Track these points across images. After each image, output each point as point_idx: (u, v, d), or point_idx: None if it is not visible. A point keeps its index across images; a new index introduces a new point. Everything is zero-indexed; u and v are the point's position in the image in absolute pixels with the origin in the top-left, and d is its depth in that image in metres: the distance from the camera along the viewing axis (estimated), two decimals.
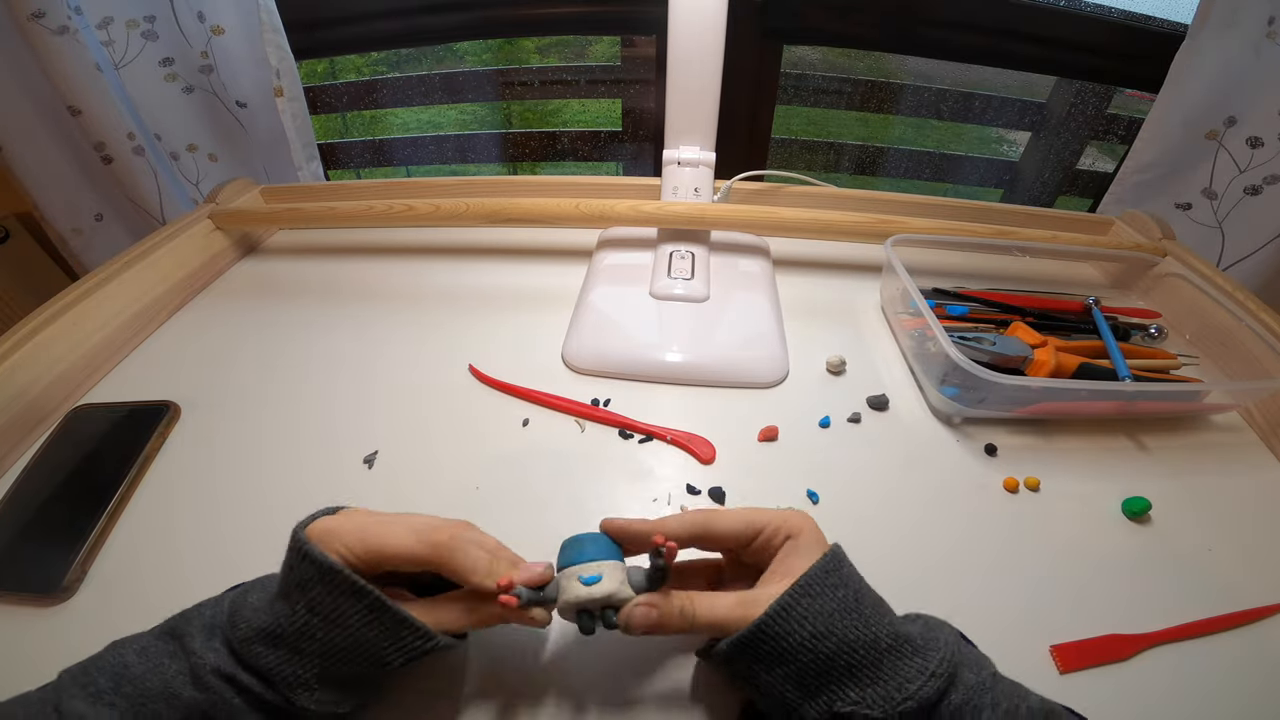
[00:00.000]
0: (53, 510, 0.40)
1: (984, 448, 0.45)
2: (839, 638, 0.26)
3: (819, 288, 0.62)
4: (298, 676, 0.25)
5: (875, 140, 1.43)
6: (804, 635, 0.26)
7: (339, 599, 0.25)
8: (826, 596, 0.27)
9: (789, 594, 0.26)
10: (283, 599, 0.26)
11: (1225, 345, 0.52)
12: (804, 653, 0.26)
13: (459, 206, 0.62)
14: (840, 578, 0.28)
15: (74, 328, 0.50)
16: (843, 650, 0.26)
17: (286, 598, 0.26)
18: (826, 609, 0.26)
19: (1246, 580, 0.37)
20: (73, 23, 0.71)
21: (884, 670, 0.25)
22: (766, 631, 0.26)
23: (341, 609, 0.25)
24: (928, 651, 0.26)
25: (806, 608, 0.26)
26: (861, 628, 0.26)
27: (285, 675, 0.25)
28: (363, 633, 0.26)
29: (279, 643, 0.26)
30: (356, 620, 0.25)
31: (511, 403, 0.48)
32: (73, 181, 0.85)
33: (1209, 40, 0.69)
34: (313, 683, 0.26)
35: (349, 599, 0.25)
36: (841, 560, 0.29)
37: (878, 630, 0.26)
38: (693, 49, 0.56)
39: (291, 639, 0.25)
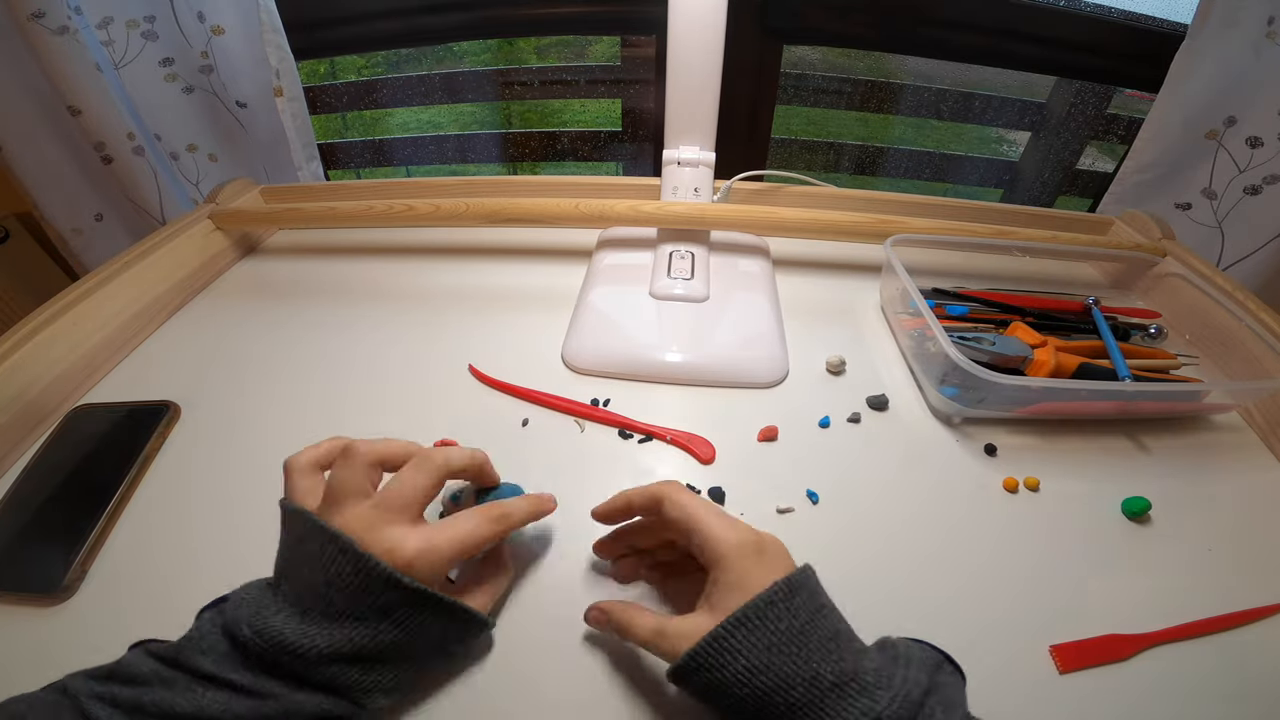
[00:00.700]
0: (52, 510, 0.40)
1: (984, 448, 0.45)
2: (775, 673, 0.25)
3: (819, 288, 0.62)
4: (377, 683, 0.27)
5: (875, 140, 1.43)
6: (738, 669, 0.25)
7: (427, 616, 0.28)
8: (766, 630, 0.26)
9: (721, 628, 0.26)
10: (354, 621, 0.26)
11: (1225, 345, 0.52)
12: (740, 686, 0.25)
13: (459, 206, 0.62)
14: (787, 608, 0.26)
15: (74, 328, 0.50)
16: (779, 687, 0.25)
17: (361, 620, 0.26)
18: (763, 643, 0.25)
19: (1246, 580, 0.37)
20: (73, 23, 0.71)
21: (827, 710, 0.24)
22: (697, 663, 0.26)
23: (429, 623, 0.28)
24: (876, 691, 0.24)
25: (742, 641, 0.25)
26: (802, 664, 0.25)
27: (366, 685, 0.26)
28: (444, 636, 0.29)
29: (359, 660, 0.26)
30: (438, 629, 0.28)
31: (511, 403, 0.48)
32: (73, 181, 0.85)
33: (1209, 40, 0.69)
34: (390, 685, 0.27)
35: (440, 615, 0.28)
36: (795, 590, 0.27)
37: (820, 667, 0.25)
38: (693, 49, 0.56)
39: (375, 654, 0.27)
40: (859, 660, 0.26)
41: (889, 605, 0.35)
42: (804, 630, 0.26)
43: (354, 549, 0.26)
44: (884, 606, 0.35)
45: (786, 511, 0.40)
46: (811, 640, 0.26)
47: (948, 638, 0.34)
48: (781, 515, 0.40)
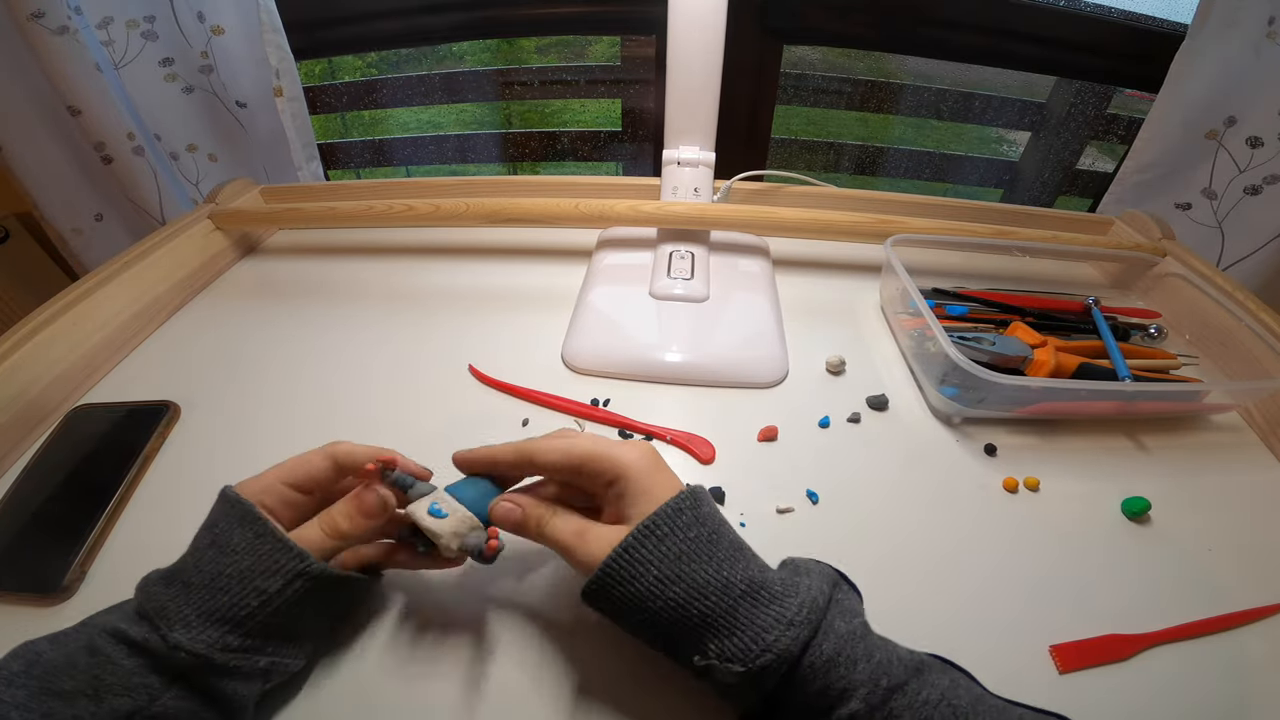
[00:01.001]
0: (52, 510, 0.40)
1: (984, 448, 0.45)
2: (688, 582, 0.25)
3: (819, 288, 0.62)
4: (180, 612, 0.25)
5: (875, 140, 1.43)
6: (650, 580, 0.25)
7: (235, 527, 0.27)
8: (674, 538, 0.25)
9: (632, 536, 0.25)
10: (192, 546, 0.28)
11: (1225, 345, 0.52)
12: (653, 599, 0.25)
13: (459, 206, 0.62)
14: (695, 517, 0.26)
15: (74, 328, 0.50)
16: (693, 596, 0.24)
17: (195, 543, 0.28)
18: (673, 551, 0.25)
19: (1247, 580, 0.37)
20: (72, 23, 0.71)
21: (740, 619, 0.24)
22: (611, 575, 0.26)
23: (234, 535, 0.27)
24: (785, 599, 0.25)
25: (651, 550, 0.25)
26: (713, 571, 0.25)
27: (169, 611, 0.25)
28: (245, 559, 0.26)
29: (173, 580, 0.27)
30: (242, 543, 0.27)
31: (511, 402, 0.48)
32: (73, 181, 0.85)
33: (1209, 40, 0.69)
34: (192, 618, 0.25)
35: (242, 526, 0.27)
36: (699, 500, 0.27)
37: (730, 574, 0.25)
38: (693, 49, 0.56)
39: (186, 574, 0.26)
40: (765, 570, 0.26)
41: (889, 605, 0.35)
42: (711, 539, 0.26)
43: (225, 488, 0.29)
44: (883, 606, 0.35)
45: (786, 511, 0.40)
46: (719, 548, 0.26)
47: (947, 638, 0.34)
48: (781, 515, 0.40)
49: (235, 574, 0.26)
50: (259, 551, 0.26)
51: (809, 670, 0.23)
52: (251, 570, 0.26)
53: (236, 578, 0.26)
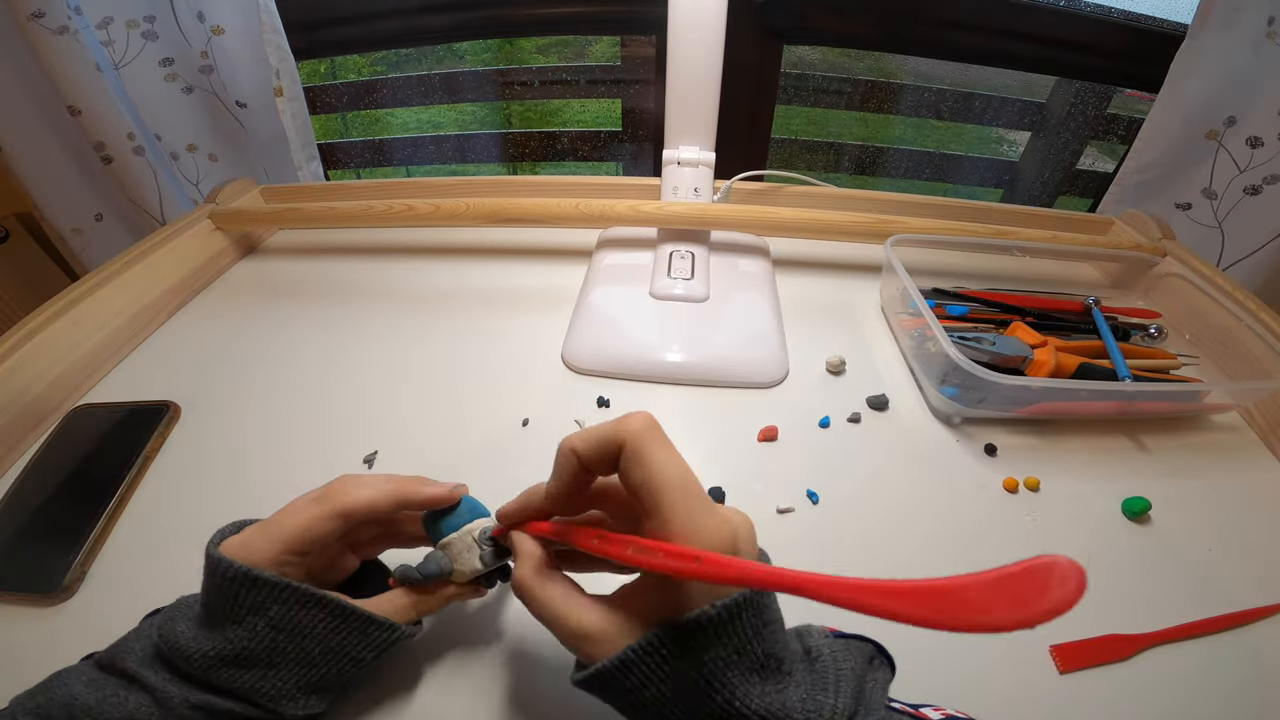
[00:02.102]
0: (52, 510, 0.40)
1: (984, 448, 0.45)
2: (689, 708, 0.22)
3: (819, 288, 0.62)
4: (279, 689, 0.26)
5: (875, 140, 1.43)
6: (648, 698, 0.22)
7: (301, 612, 0.26)
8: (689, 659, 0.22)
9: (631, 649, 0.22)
10: (232, 624, 0.25)
11: (1225, 345, 0.52)
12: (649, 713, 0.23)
13: (459, 206, 0.62)
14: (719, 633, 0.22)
15: (74, 328, 0.50)
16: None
17: (238, 623, 0.25)
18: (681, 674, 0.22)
19: (1246, 580, 0.37)
20: (73, 23, 0.70)
21: None
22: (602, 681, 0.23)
23: (306, 620, 0.26)
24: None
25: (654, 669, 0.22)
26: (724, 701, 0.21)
27: (267, 691, 0.26)
28: (332, 638, 0.27)
29: (249, 663, 0.26)
30: (324, 627, 0.27)
31: (511, 403, 0.48)
32: (73, 181, 0.85)
33: (1209, 40, 0.69)
34: (295, 691, 0.26)
35: (312, 610, 0.26)
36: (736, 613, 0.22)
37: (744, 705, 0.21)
38: (693, 49, 0.56)
39: (264, 657, 0.26)
40: (783, 692, 0.22)
41: None
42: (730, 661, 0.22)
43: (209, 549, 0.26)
44: None
45: (786, 511, 0.40)
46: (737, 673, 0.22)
47: (947, 637, 0.34)
48: (781, 515, 0.40)
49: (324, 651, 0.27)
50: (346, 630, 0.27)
51: None
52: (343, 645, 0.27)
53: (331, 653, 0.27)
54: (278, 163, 0.90)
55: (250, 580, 0.25)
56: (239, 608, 0.26)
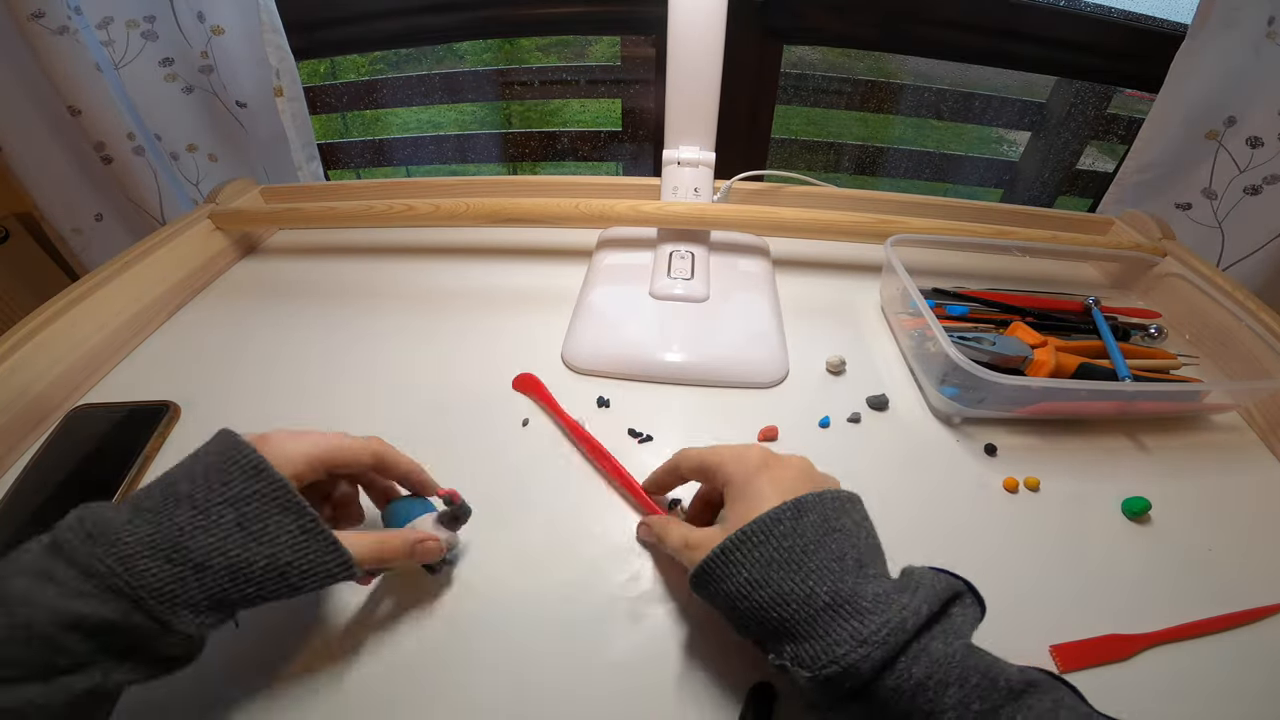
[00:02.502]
0: (53, 510, 0.40)
1: (984, 448, 0.45)
2: (773, 589, 0.26)
3: (819, 288, 0.62)
4: (190, 596, 0.23)
5: (875, 140, 1.43)
6: (740, 581, 0.27)
7: (277, 515, 0.25)
8: (766, 546, 0.27)
9: (727, 541, 0.28)
10: (191, 510, 0.24)
11: (1225, 345, 0.52)
12: (741, 599, 0.27)
13: (459, 206, 0.62)
14: (793, 527, 0.27)
15: (74, 328, 0.50)
16: (776, 602, 0.26)
17: (202, 511, 0.24)
18: (764, 558, 0.27)
19: (1246, 580, 0.37)
20: (73, 23, 0.71)
21: (817, 628, 0.25)
22: (707, 574, 0.28)
23: (275, 525, 0.25)
24: (868, 615, 0.24)
25: (745, 555, 0.27)
26: (798, 581, 0.26)
27: (175, 594, 0.23)
28: (285, 553, 0.25)
29: (179, 557, 0.23)
30: (286, 539, 0.25)
31: (511, 402, 0.48)
32: (73, 181, 0.85)
33: (1209, 40, 0.69)
34: (202, 603, 0.24)
35: (288, 517, 0.25)
36: (804, 511, 0.28)
37: (816, 585, 0.25)
38: (693, 49, 0.56)
39: (199, 555, 0.24)
40: (860, 584, 0.26)
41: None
42: (806, 549, 0.27)
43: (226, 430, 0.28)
44: None
45: None
46: (813, 560, 0.26)
47: None
48: None
49: (269, 567, 0.25)
50: (301, 548, 0.25)
51: (892, 693, 0.23)
52: (291, 566, 0.25)
53: (272, 571, 0.25)
54: (278, 163, 0.90)
55: (256, 470, 0.25)
56: (215, 495, 0.25)
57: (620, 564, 0.37)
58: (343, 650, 0.32)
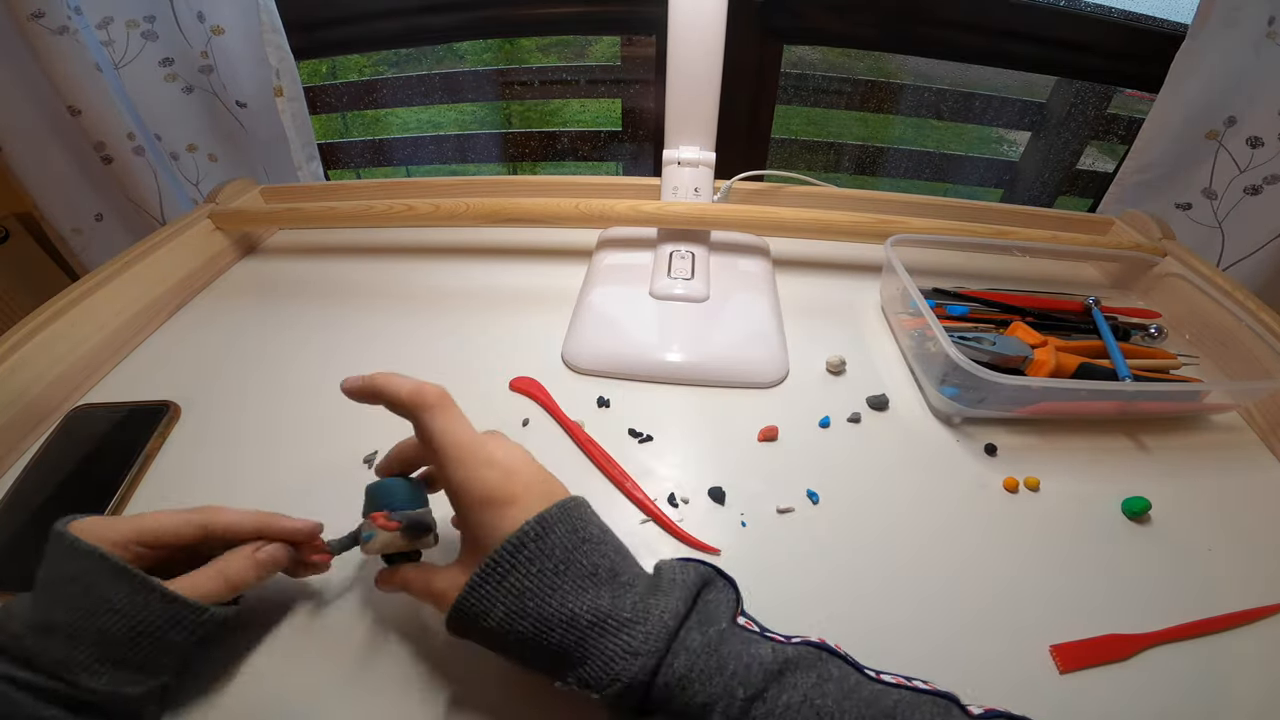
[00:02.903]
0: (53, 510, 0.40)
1: (984, 448, 0.45)
2: (534, 618, 0.25)
3: (819, 288, 0.62)
4: (78, 660, 0.25)
5: (875, 140, 1.43)
6: (499, 616, 0.26)
7: (106, 583, 0.27)
8: (518, 574, 0.26)
9: (473, 579, 0.26)
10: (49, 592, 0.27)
11: (1225, 345, 0.52)
12: (506, 634, 0.26)
13: (459, 206, 0.62)
14: (539, 549, 0.26)
15: (74, 328, 0.50)
16: (541, 630, 0.25)
17: (54, 591, 0.27)
18: (516, 587, 0.26)
19: (1246, 580, 0.37)
20: (72, 23, 0.71)
21: (589, 649, 0.25)
22: (462, 616, 0.27)
23: (110, 592, 0.26)
24: (633, 627, 0.25)
25: (494, 589, 0.26)
26: (557, 605, 0.25)
27: (64, 660, 0.25)
28: (135, 614, 0.26)
29: (54, 632, 0.26)
30: (124, 601, 0.26)
31: (512, 402, 0.48)
32: (73, 181, 0.85)
33: (1209, 40, 0.69)
34: (94, 664, 0.26)
35: (116, 582, 0.27)
36: (549, 529, 0.27)
37: (576, 606, 0.25)
38: (693, 49, 0.56)
39: (66, 627, 0.26)
40: (618, 597, 0.26)
41: (888, 605, 0.35)
42: (558, 570, 0.26)
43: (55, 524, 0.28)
44: (883, 606, 0.35)
45: (787, 511, 0.40)
46: (567, 580, 0.26)
47: (947, 637, 0.34)
48: (782, 515, 0.40)
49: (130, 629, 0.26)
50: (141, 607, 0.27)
51: (664, 690, 0.24)
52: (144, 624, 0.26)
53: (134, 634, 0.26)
54: (278, 163, 0.90)
55: (71, 549, 0.27)
56: (59, 576, 0.27)
57: None
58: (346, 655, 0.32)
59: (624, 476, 0.42)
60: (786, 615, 0.34)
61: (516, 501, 0.27)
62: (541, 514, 0.27)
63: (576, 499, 0.29)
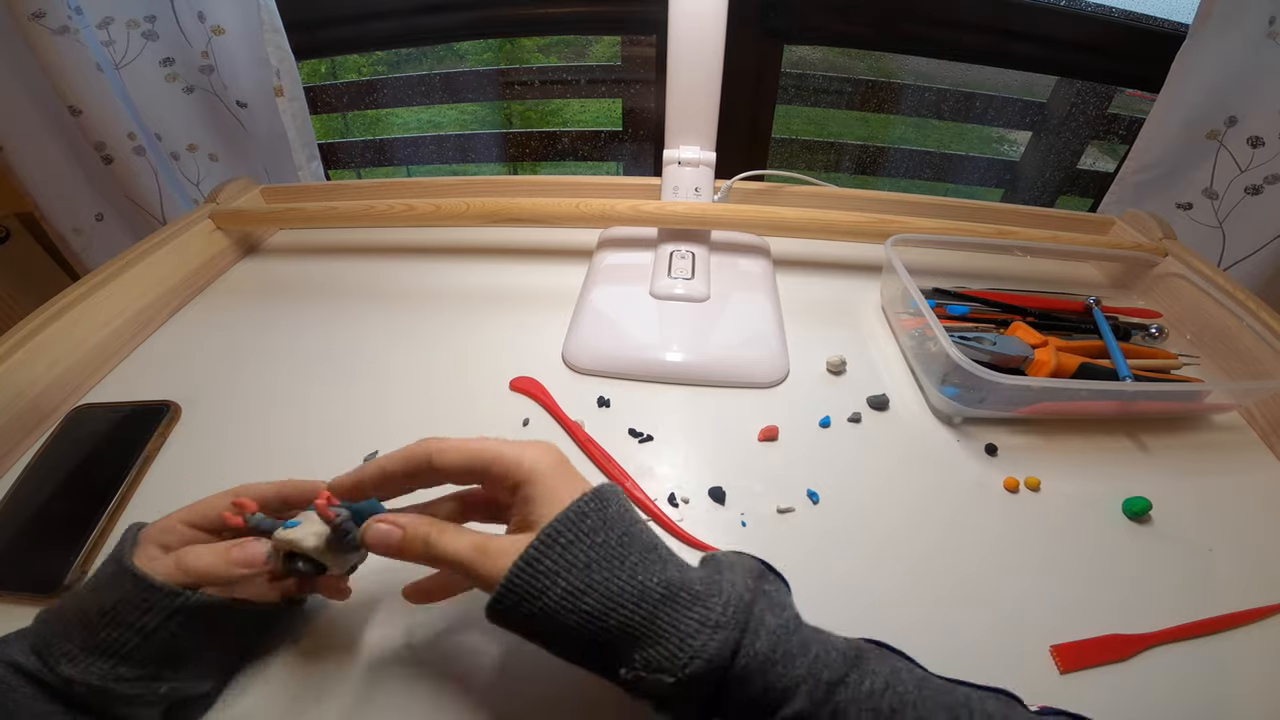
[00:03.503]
0: (53, 510, 0.40)
1: (984, 448, 0.45)
2: (600, 591, 0.23)
3: (819, 287, 0.62)
4: (62, 648, 0.26)
5: (876, 140, 1.43)
6: (559, 593, 0.23)
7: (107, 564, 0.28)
8: (580, 545, 0.24)
9: (533, 546, 0.24)
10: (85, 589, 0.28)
11: (1226, 345, 0.52)
12: (566, 612, 0.23)
13: (459, 206, 0.62)
14: (602, 520, 0.24)
15: (74, 328, 0.50)
16: (609, 606, 0.23)
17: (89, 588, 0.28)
18: (581, 559, 0.23)
19: (1246, 580, 0.37)
20: (73, 23, 0.71)
21: (661, 625, 0.23)
22: (516, 591, 0.23)
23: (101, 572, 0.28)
24: (709, 599, 0.23)
25: (556, 560, 0.23)
26: (626, 578, 0.23)
27: (53, 647, 0.26)
28: (109, 594, 0.26)
29: (54, 617, 0.27)
30: (106, 581, 0.27)
31: (512, 402, 0.48)
32: (73, 181, 0.85)
33: (1210, 40, 0.69)
34: (77, 653, 0.25)
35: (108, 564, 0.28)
36: (607, 501, 0.25)
37: (645, 579, 0.23)
38: (693, 49, 0.56)
39: (65, 611, 0.27)
40: (684, 570, 0.25)
41: (889, 605, 0.35)
42: (622, 542, 0.24)
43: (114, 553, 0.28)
44: (884, 606, 0.35)
45: (787, 511, 0.40)
46: (632, 552, 0.24)
47: (948, 637, 0.34)
48: (782, 515, 0.40)
49: (102, 610, 0.26)
50: (122, 588, 0.26)
51: (744, 672, 0.22)
52: (122, 605, 0.26)
53: (109, 614, 0.26)
54: (278, 162, 0.90)
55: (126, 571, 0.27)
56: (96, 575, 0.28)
57: None
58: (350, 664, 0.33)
59: (624, 476, 0.42)
60: None
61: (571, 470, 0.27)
62: (598, 487, 0.26)
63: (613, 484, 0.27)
